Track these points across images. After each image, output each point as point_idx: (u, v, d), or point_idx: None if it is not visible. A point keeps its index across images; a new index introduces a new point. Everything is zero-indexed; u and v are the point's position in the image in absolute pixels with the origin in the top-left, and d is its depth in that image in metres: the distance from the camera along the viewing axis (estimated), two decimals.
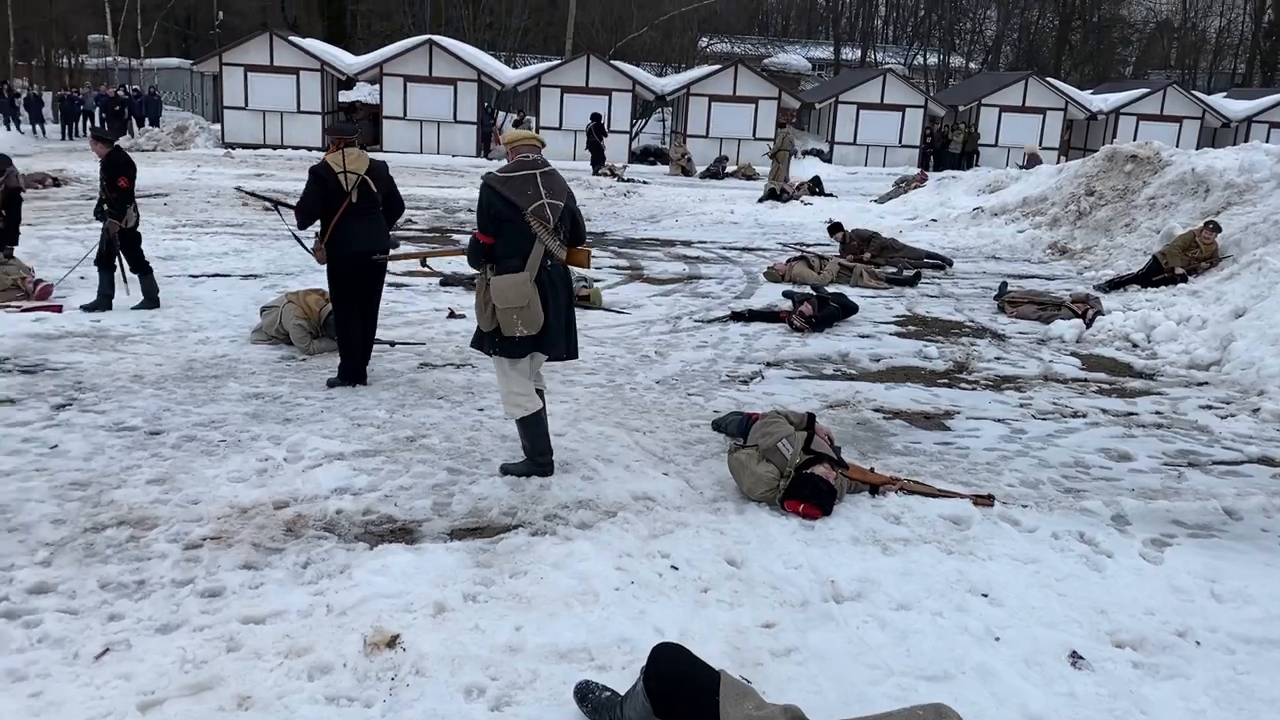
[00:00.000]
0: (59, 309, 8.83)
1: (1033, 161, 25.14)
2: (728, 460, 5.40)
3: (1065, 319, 9.76)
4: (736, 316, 9.83)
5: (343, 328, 7.00)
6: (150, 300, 9.10)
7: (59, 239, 12.49)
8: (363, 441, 5.82)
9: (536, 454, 5.38)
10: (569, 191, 5.27)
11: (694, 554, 4.47)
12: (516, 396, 5.31)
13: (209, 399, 6.55)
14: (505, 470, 5.42)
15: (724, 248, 14.85)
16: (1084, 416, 7.05)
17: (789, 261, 12.33)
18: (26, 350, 7.53)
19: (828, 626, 3.85)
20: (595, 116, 28.13)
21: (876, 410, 7.02)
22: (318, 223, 6.77)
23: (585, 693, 3.27)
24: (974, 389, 7.71)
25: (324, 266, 6.91)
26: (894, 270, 12.78)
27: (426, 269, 6.62)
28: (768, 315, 9.83)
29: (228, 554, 4.31)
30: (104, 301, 8.90)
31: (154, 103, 32.38)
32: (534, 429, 5.35)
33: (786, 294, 10.63)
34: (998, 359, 8.65)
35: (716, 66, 33.06)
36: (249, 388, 6.85)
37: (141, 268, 9.15)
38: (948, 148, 32.17)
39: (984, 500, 5.17)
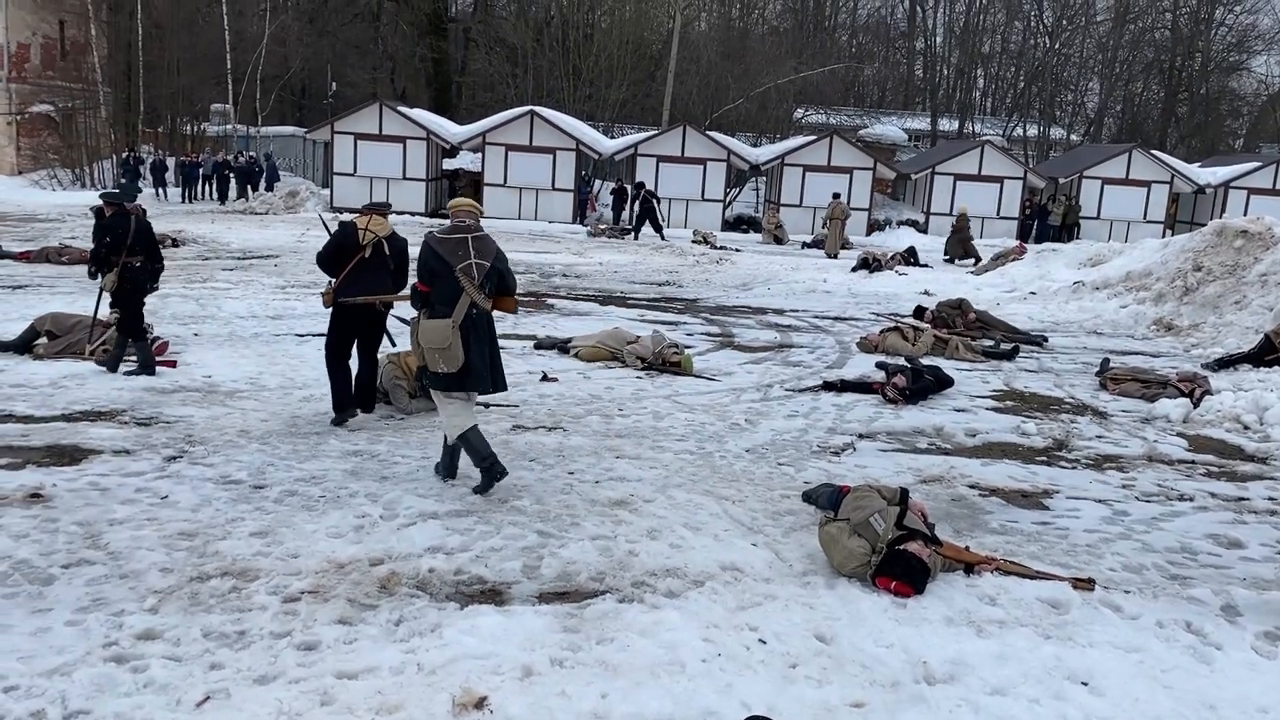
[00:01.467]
0: (174, 364, 9.25)
1: (962, 222, 24.79)
2: (818, 533, 5.35)
3: (1171, 398, 9.44)
4: (828, 386, 9.77)
5: (331, 365, 7.63)
6: (112, 366, 8.89)
7: (175, 297, 13.12)
8: (456, 501, 5.93)
9: (482, 460, 6.08)
10: (497, 252, 6.17)
11: (782, 628, 4.42)
12: (452, 419, 6.15)
13: (310, 455, 6.76)
14: (477, 490, 6.12)
15: (816, 316, 14.82)
16: (1191, 500, 6.79)
17: (882, 332, 12.23)
18: (142, 403, 7.90)
19: (919, 708, 3.76)
20: (640, 185, 28.96)
21: (972, 487, 6.88)
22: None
23: None
24: (1074, 468, 7.50)
25: (328, 309, 7.60)
26: (991, 343, 12.56)
27: (381, 306, 7.63)
28: (860, 386, 9.74)
29: (324, 608, 4.42)
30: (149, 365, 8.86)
31: (270, 169, 33.92)
32: (472, 442, 6.13)
33: (879, 365, 10.54)
34: (1099, 437, 8.40)
35: (812, 137, 33.27)
36: (349, 445, 7.06)
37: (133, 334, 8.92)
38: (1047, 219, 31.64)
39: (1084, 584, 5.01)
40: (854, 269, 20.84)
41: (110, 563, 4.83)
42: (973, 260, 23.18)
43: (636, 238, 27.22)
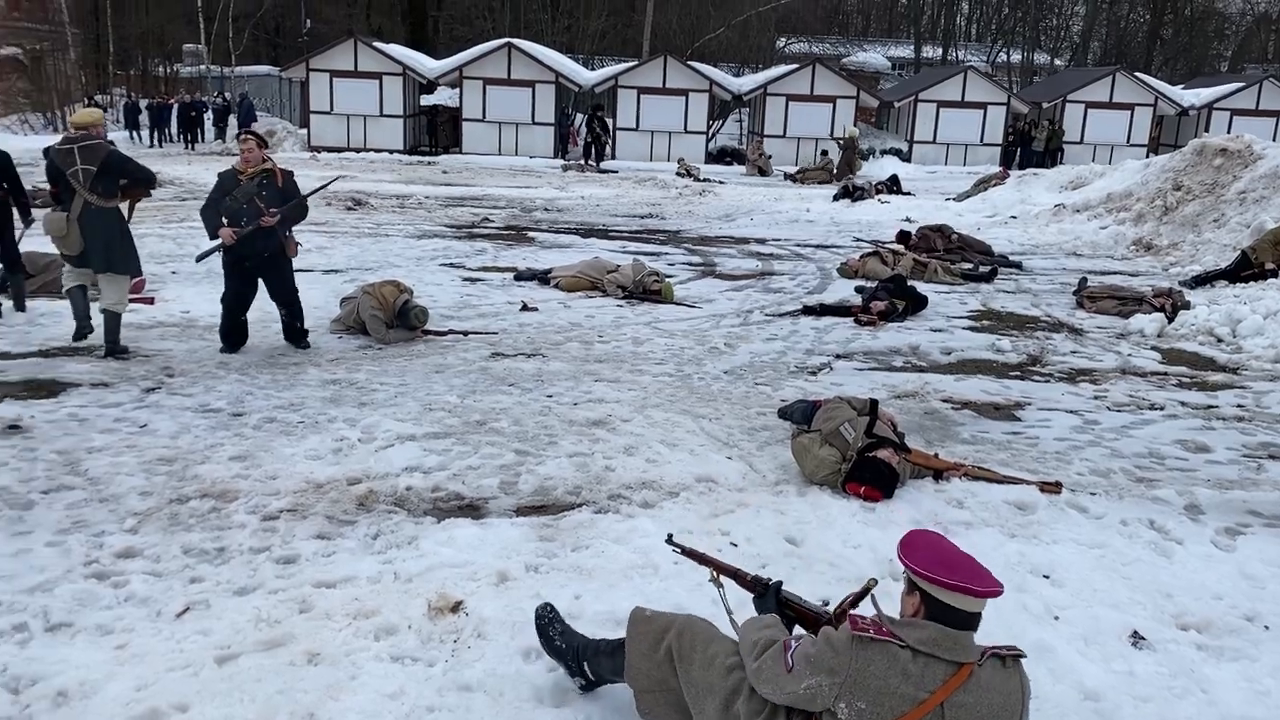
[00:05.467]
0: (151, 301, 9.22)
1: (849, 145, 25.00)
2: (791, 445, 5.43)
3: (1146, 314, 9.52)
4: (808, 311, 9.82)
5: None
6: (20, 302, 8.78)
7: (152, 237, 13.02)
8: (434, 425, 5.99)
9: (77, 316, 7.61)
10: (104, 157, 7.11)
11: (754, 532, 4.51)
12: (66, 279, 7.62)
13: (289, 384, 6.79)
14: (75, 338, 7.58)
15: (798, 245, 14.81)
16: (1161, 409, 6.89)
17: (862, 257, 12.26)
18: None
19: (883, 601, 3.84)
20: (597, 108, 29.49)
21: (945, 401, 6.97)
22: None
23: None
24: (1047, 381, 7.59)
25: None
26: (970, 266, 12.61)
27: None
28: (839, 310, 9.79)
29: (303, 525, 4.49)
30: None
31: (247, 108, 33.39)
32: (74, 299, 7.61)
33: (858, 289, 10.58)
34: (1073, 353, 8.49)
35: (794, 66, 32.89)
36: (327, 374, 7.09)
37: (12, 267, 8.85)
38: (1030, 145, 31.49)
39: (1051, 487, 5.11)
40: (835, 198, 20.78)
41: (90, 488, 4.87)
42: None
43: (596, 165, 27.58)
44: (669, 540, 3.52)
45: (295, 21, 43.08)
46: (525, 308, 9.58)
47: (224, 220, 7.31)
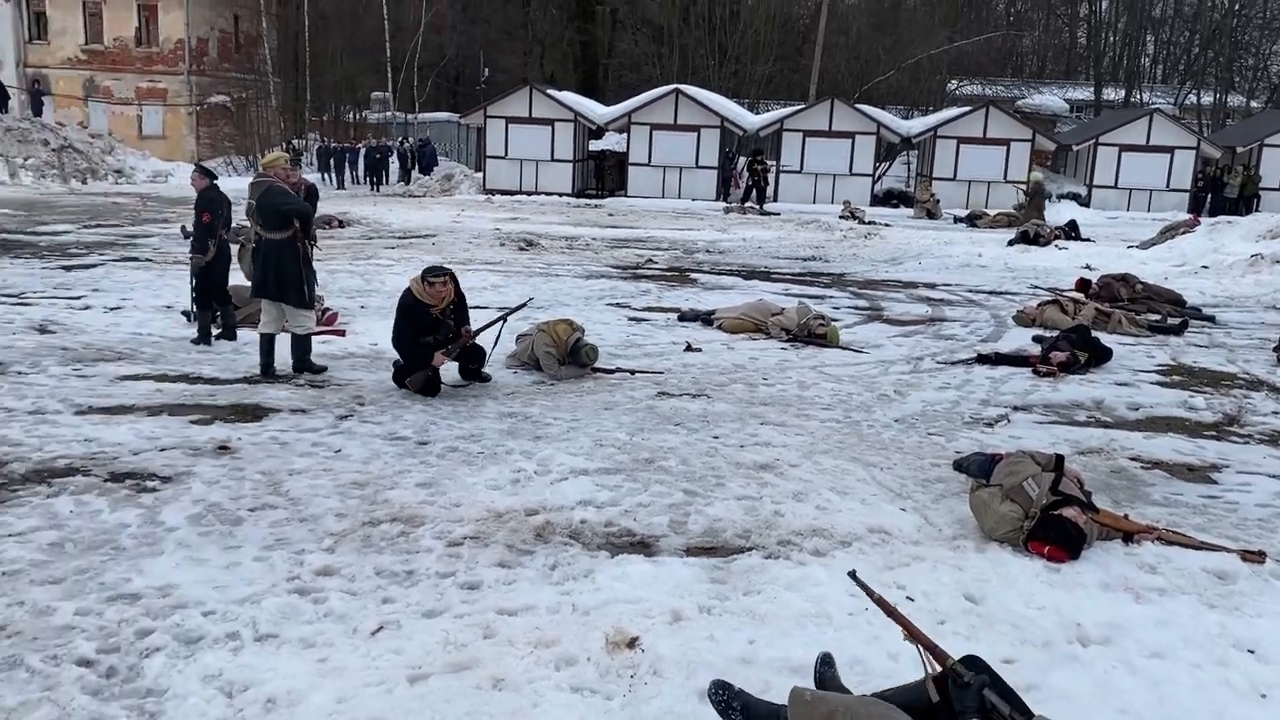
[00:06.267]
0: (342, 333, 9.80)
1: (1038, 190, 23.52)
2: (969, 498, 5.28)
3: None
4: (982, 359, 9.55)
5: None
6: (230, 331, 9.37)
7: (342, 273, 13.84)
8: (605, 460, 6.12)
9: (261, 356, 8.11)
10: (263, 192, 8.03)
11: (931, 587, 4.41)
12: (261, 320, 8.21)
13: (469, 416, 7.09)
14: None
15: (970, 291, 14.43)
16: None
17: (1040, 305, 11.84)
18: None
19: (1072, 668, 3.71)
20: (758, 152, 29.83)
21: (1133, 459, 6.64)
22: None
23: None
24: (1246, 443, 7.13)
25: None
26: (1157, 318, 11.99)
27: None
28: (1016, 359, 9.48)
29: (485, 552, 4.67)
30: (205, 336, 9.19)
31: (429, 153, 35.11)
32: (261, 345, 8.13)
33: (1036, 339, 10.23)
34: (1275, 413, 7.95)
35: (966, 109, 32.21)
36: (504, 407, 7.36)
37: (221, 299, 9.38)
38: (1223, 191, 29.75)
39: (1254, 556, 4.79)
40: (1011, 243, 20.14)
41: (291, 508, 5.22)
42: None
43: (757, 207, 27.94)
44: (852, 575, 3.45)
45: (474, 70, 45.18)
46: (689, 348, 9.68)
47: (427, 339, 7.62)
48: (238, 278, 9.86)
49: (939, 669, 3.00)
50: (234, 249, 9.80)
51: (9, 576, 4.31)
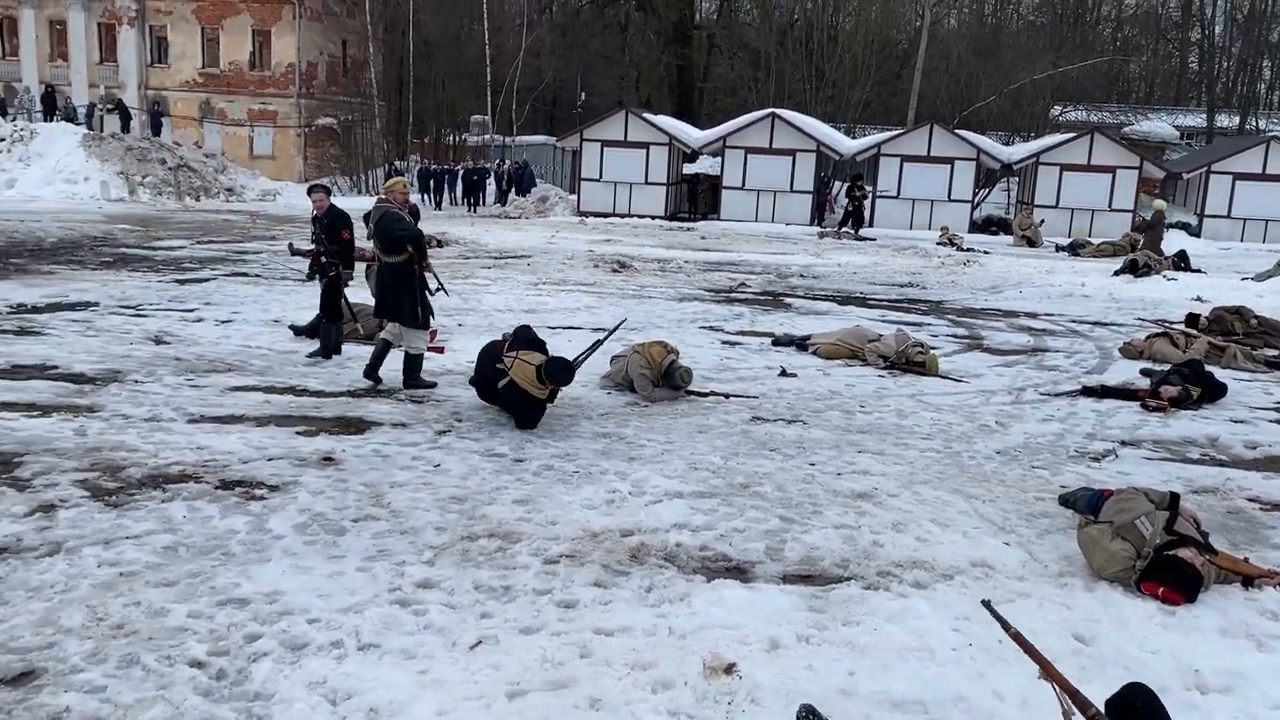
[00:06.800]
0: (441, 350, 9.98)
1: (1158, 219, 22.54)
2: (1077, 535, 5.12)
3: None
4: (1088, 391, 9.25)
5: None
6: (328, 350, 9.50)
7: (440, 292, 14.08)
8: (699, 484, 6.10)
9: (371, 359, 8.47)
10: (378, 217, 8.37)
11: (1038, 625, 4.26)
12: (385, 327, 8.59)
13: (564, 435, 7.14)
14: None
15: (1073, 321, 14.03)
16: None
17: (1149, 338, 11.44)
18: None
19: (1189, 716, 3.55)
20: (856, 177, 29.36)
21: (1251, 500, 6.34)
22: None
23: None
24: None
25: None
26: (1275, 353, 11.47)
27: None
28: (1123, 392, 9.16)
29: (581, 571, 4.69)
30: (327, 351, 9.42)
31: (526, 175, 35.68)
32: (376, 348, 8.47)
33: (1145, 371, 9.89)
34: None
35: (1070, 135, 31.43)
36: (599, 427, 7.39)
37: (334, 316, 9.53)
38: None
39: None
40: (1116, 273, 19.53)
41: (392, 520, 5.32)
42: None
43: (855, 233, 27.71)
44: (986, 604, 3.36)
45: (572, 94, 45.81)
46: (784, 373, 9.61)
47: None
48: (364, 295, 10.12)
49: (1078, 715, 2.88)
50: (360, 267, 10.11)
51: (126, 578, 4.49)
